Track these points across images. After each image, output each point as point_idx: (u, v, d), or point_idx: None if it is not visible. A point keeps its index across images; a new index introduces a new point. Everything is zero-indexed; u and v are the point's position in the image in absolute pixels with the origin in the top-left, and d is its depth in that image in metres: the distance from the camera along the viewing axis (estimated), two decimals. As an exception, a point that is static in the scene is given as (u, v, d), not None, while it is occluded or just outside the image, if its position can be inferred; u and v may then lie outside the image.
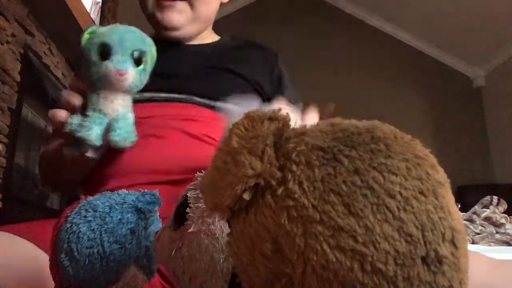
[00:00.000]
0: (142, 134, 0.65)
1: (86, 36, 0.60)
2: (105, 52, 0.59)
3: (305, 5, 3.89)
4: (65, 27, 1.54)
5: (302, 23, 3.77)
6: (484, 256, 0.40)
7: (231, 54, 0.84)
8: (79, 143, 0.62)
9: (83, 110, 0.61)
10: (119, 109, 0.63)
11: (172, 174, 0.65)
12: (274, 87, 0.83)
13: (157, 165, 0.66)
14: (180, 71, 0.77)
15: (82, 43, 0.60)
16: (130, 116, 0.64)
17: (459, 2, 3.30)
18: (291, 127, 0.26)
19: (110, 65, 0.59)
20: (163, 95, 0.74)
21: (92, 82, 0.61)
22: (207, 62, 0.80)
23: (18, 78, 1.33)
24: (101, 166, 0.67)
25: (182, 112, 0.72)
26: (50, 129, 1.40)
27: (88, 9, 1.73)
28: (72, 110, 0.62)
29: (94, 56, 0.59)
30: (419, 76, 3.92)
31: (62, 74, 1.70)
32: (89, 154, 0.62)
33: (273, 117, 0.25)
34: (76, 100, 0.62)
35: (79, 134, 0.59)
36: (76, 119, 0.60)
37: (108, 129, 0.62)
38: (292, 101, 0.69)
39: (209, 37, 0.88)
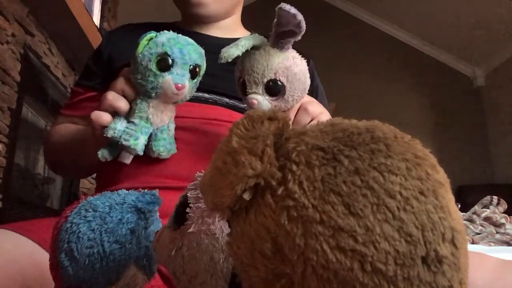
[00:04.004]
0: None
1: (144, 42, 0.57)
2: (164, 62, 0.57)
3: (305, 5, 3.89)
4: (65, 27, 1.54)
5: (302, 23, 3.77)
6: (491, 257, 0.39)
7: None
8: (117, 148, 0.60)
9: (127, 115, 0.59)
10: (166, 120, 0.61)
11: (190, 181, 0.64)
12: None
13: (177, 171, 0.65)
14: (210, 69, 0.69)
15: (139, 49, 0.57)
16: (172, 128, 0.63)
17: (459, 2, 3.30)
18: (291, 127, 0.26)
19: (169, 78, 0.57)
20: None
21: (144, 90, 0.58)
22: None
23: (18, 78, 1.33)
24: (117, 164, 0.64)
25: (208, 115, 0.70)
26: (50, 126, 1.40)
27: (89, 8, 1.73)
28: (113, 113, 0.59)
29: (153, 66, 0.56)
30: (420, 76, 3.93)
31: (62, 74, 1.70)
32: (125, 160, 0.61)
33: (273, 117, 0.25)
34: (123, 104, 0.59)
35: (126, 143, 0.57)
36: (120, 125, 0.58)
37: (150, 138, 0.60)
38: (325, 106, 0.68)
39: (240, 31, 0.85)
